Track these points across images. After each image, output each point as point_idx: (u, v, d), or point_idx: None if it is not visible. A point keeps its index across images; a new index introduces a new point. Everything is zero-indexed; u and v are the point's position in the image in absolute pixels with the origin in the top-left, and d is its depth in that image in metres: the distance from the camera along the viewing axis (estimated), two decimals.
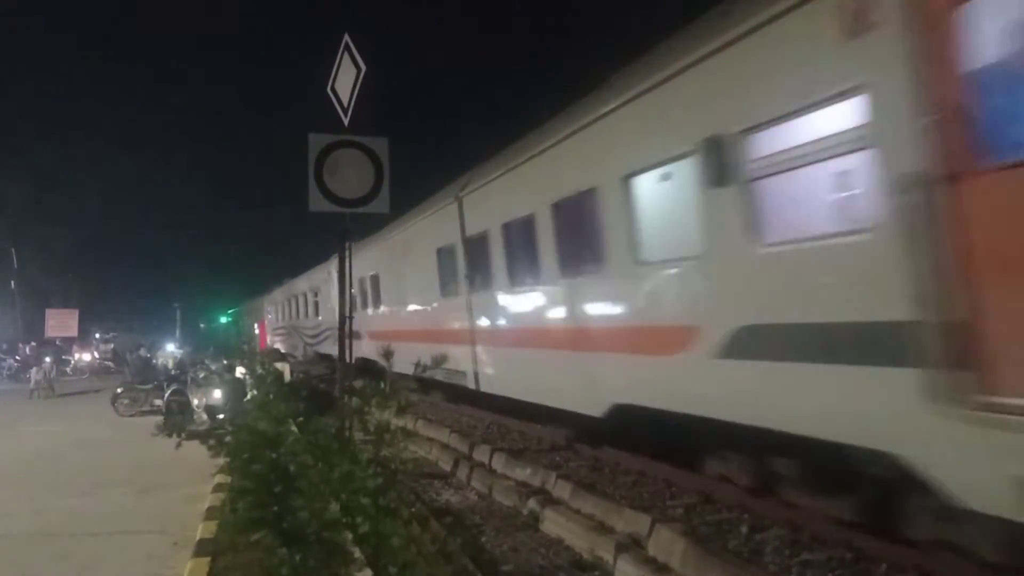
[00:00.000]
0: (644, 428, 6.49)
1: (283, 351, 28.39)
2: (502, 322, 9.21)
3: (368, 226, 14.46)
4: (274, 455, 3.69)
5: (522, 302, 8.64)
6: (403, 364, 5.19)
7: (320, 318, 22.24)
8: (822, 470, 4.88)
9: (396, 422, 4.28)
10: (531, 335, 8.24)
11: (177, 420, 5.21)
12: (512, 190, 8.60)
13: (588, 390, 7.01)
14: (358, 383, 5.13)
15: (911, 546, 4.31)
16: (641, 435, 7.05)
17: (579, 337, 7.09)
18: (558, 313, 7.60)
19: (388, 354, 4.68)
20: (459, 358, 10.10)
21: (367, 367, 12.97)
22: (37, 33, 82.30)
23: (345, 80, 6.21)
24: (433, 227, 11.52)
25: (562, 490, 6.48)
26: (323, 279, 21.00)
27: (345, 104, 6.22)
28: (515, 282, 8.67)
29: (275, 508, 3.50)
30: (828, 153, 4.12)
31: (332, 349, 13.93)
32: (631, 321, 6.22)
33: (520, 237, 8.35)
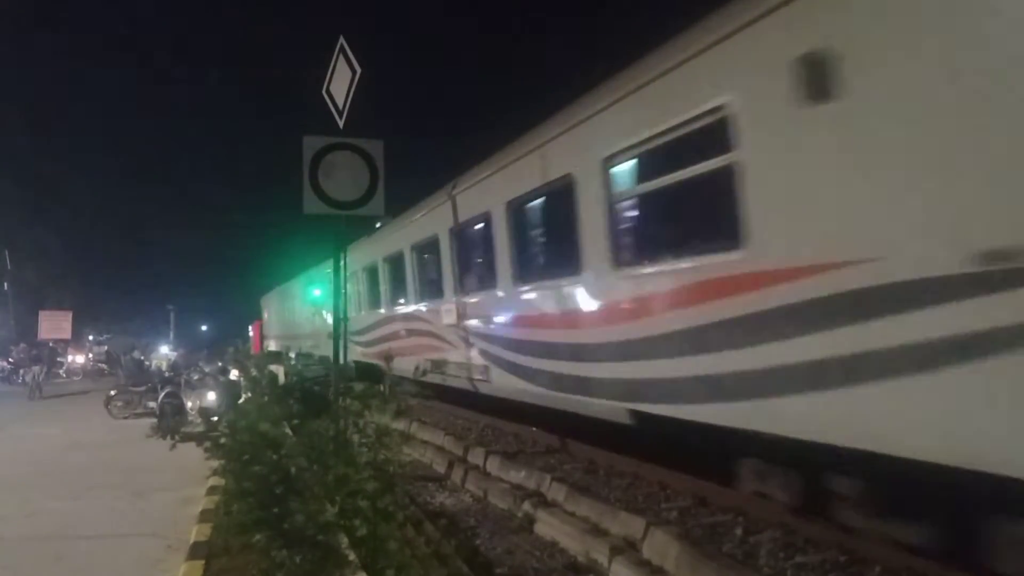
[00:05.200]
0: None
1: None
2: None
3: None
4: (275, 456, 3.69)
5: None
6: None
7: None
8: None
9: (395, 426, 4.28)
10: None
11: (171, 422, 5.20)
12: None
13: None
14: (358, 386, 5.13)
15: (905, 549, 4.33)
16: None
17: None
18: None
19: (388, 358, 4.69)
20: None
21: None
22: (32, 32, 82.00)
23: (340, 82, 6.22)
24: None
25: (557, 492, 6.48)
26: None
27: (340, 106, 6.23)
28: None
29: (275, 510, 3.50)
30: None
31: None
32: None
33: None
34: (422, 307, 11.46)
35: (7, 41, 67.64)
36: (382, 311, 13.85)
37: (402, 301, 12.56)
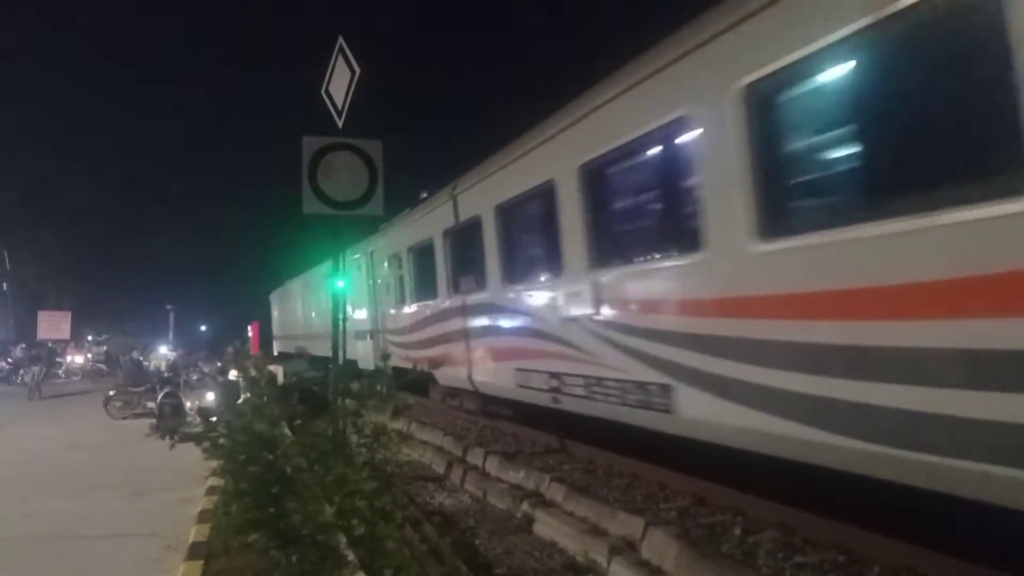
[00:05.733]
0: None
1: None
2: None
3: None
4: (271, 456, 3.69)
5: None
6: None
7: None
8: None
9: (392, 425, 4.29)
10: None
11: (170, 422, 5.20)
12: None
13: None
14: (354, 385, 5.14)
15: (904, 548, 4.33)
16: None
17: None
18: None
19: (385, 356, 4.69)
20: None
21: None
22: (31, 32, 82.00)
23: (339, 83, 6.23)
24: None
25: (556, 493, 6.48)
26: None
27: (339, 107, 6.23)
28: None
29: (271, 510, 3.50)
30: None
31: None
32: None
33: None
34: (513, 294, 8.30)
35: (6, 41, 67.62)
36: (444, 302, 10.63)
37: (477, 286, 9.37)
